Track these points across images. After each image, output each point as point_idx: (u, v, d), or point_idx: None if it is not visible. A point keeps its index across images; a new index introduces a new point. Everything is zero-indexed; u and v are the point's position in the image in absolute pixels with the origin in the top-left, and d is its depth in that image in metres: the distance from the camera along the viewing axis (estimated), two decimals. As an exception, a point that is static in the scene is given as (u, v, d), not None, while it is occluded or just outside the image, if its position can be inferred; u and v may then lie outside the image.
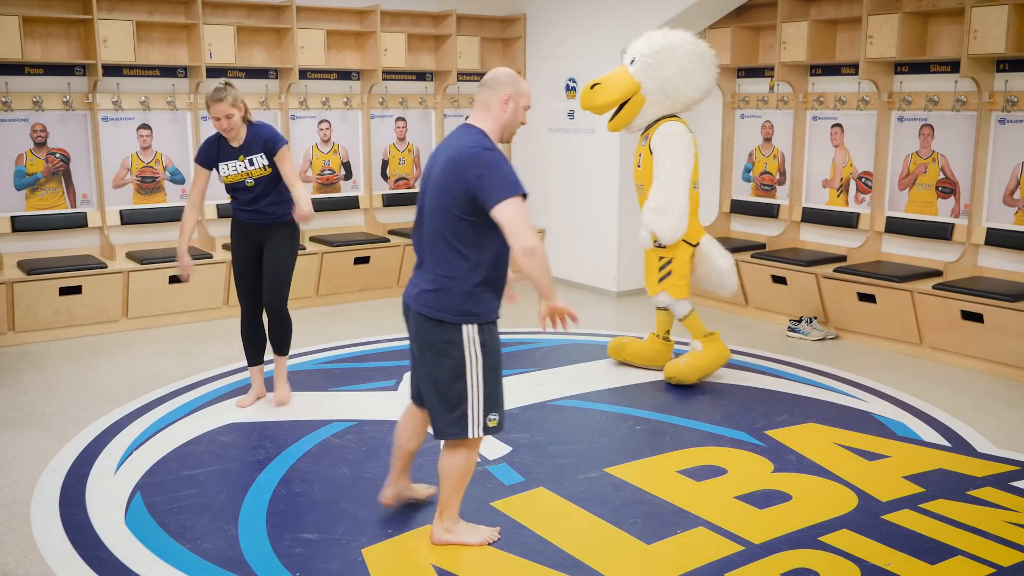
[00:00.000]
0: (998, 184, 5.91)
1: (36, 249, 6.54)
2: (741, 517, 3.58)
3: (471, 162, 3.03)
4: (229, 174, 4.59)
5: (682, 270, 5.31)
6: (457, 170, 3.06)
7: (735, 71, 7.51)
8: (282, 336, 4.84)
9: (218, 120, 4.45)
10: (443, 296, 3.13)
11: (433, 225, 3.16)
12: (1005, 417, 4.78)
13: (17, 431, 4.54)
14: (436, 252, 3.17)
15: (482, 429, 3.17)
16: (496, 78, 3.25)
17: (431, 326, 3.14)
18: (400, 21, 7.80)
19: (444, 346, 3.13)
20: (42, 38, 6.40)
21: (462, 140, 3.14)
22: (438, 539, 3.36)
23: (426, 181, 3.25)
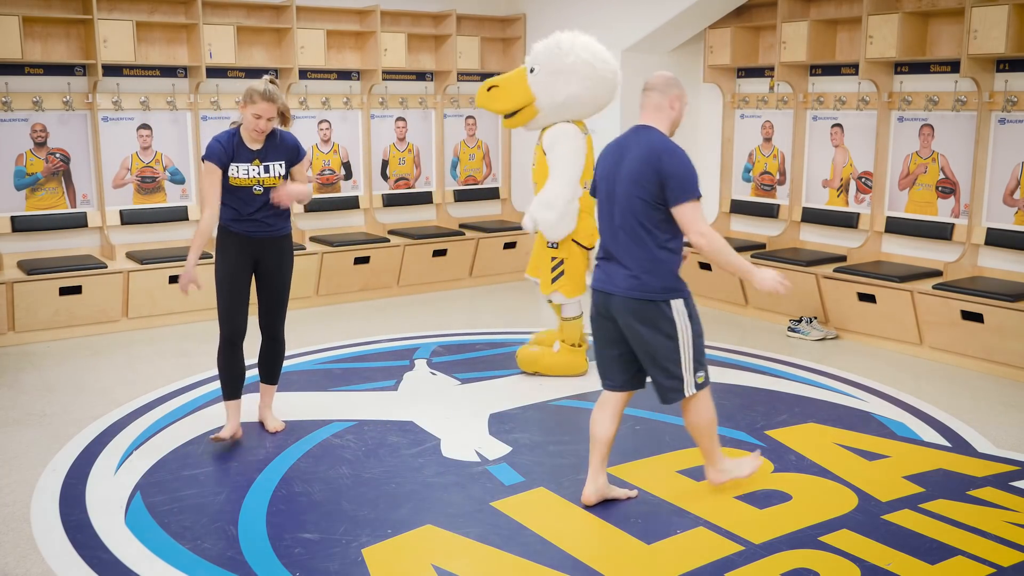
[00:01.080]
0: (998, 184, 5.91)
1: (36, 249, 6.54)
2: (741, 517, 3.58)
3: (666, 161, 3.41)
4: (239, 177, 4.15)
5: (575, 270, 5.32)
6: (652, 164, 3.42)
7: (735, 71, 7.51)
8: (278, 363, 4.51)
9: (258, 119, 4.06)
10: (651, 278, 3.48)
11: (631, 216, 3.48)
12: (1005, 417, 4.78)
13: (17, 431, 4.54)
14: (635, 240, 3.49)
15: (695, 387, 3.59)
16: (665, 82, 3.61)
17: (644, 307, 3.49)
18: (400, 21, 7.81)
19: (659, 322, 3.50)
20: (42, 38, 6.40)
21: (651, 138, 3.50)
22: (717, 481, 3.76)
23: (611, 179, 3.56)
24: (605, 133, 7.44)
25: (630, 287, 3.49)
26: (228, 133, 4.20)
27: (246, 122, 4.11)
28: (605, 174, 3.60)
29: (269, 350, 4.46)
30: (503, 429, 4.54)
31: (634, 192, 3.45)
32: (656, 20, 7.03)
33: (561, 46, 5.18)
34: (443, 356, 5.79)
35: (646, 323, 3.50)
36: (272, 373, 4.53)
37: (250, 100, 4.06)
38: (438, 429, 4.53)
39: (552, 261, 5.33)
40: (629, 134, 3.60)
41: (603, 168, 3.62)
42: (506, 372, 5.48)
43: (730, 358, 5.77)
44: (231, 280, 4.24)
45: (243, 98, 4.06)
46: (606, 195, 3.59)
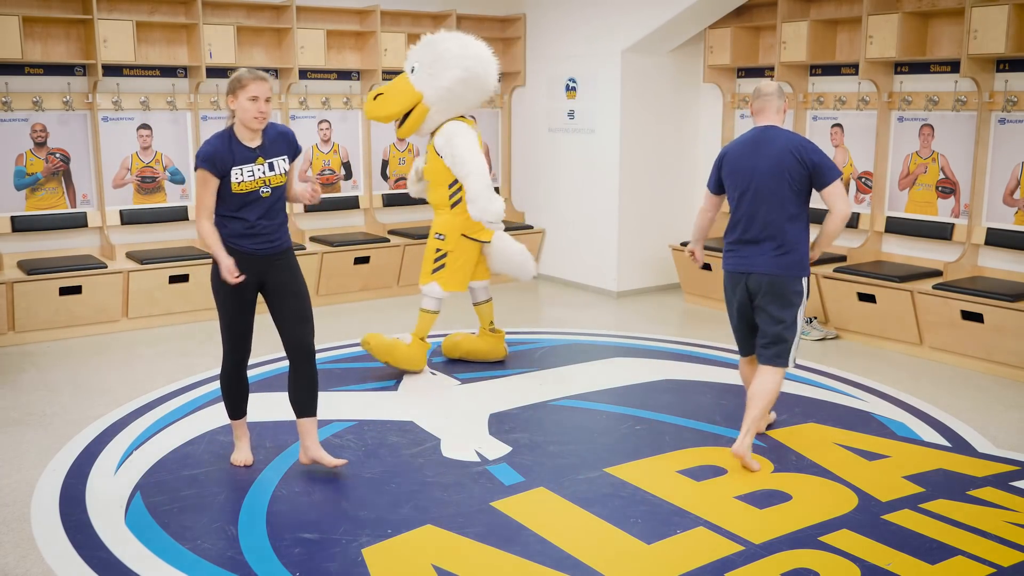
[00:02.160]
0: (998, 184, 5.91)
1: (36, 249, 6.54)
2: (741, 517, 3.58)
3: (808, 150, 3.97)
4: (244, 181, 3.72)
5: (457, 264, 5.43)
6: (796, 156, 3.96)
7: (735, 71, 7.51)
8: (315, 388, 4.00)
9: (256, 100, 3.67)
10: (791, 257, 4.02)
11: (777, 203, 4.00)
12: (1005, 417, 4.78)
13: (17, 431, 4.54)
14: (778, 225, 4.01)
15: (793, 362, 4.15)
16: (779, 89, 4.17)
17: (783, 282, 4.03)
18: (400, 21, 7.80)
19: (792, 296, 4.06)
20: (42, 38, 6.40)
21: (786, 135, 4.05)
22: (742, 454, 3.99)
23: (748, 173, 4.05)
24: (606, 133, 7.48)
25: (778, 266, 4.03)
26: (221, 136, 3.77)
27: (243, 113, 3.71)
28: (738, 169, 4.08)
29: (305, 374, 3.95)
30: (503, 429, 4.54)
31: (782, 181, 3.97)
32: (656, 20, 7.03)
33: (432, 40, 5.33)
34: (443, 356, 5.79)
35: (781, 296, 4.05)
36: (312, 402, 3.97)
37: (240, 85, 3.70)
38: (438, 429, 4.53)
39: (436, 252, 5.42)
40: (758, 133, 4.10)
41: (736, 164, 4.09)
42: (506, 372, 5.48)
43: (730, 358, 5.77)
44: (240, 304, 3.88)
45: (229, 89, 3.72)
46: (744, 187, 4.06)
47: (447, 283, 5.44)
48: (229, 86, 3.75)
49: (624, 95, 7.40)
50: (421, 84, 5.26)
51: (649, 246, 7.73)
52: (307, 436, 3.98)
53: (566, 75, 7.86)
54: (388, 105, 5.35)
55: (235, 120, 3.78)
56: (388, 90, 5.36)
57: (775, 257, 4.03)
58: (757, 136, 4.10)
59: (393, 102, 5.33)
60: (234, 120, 3.78)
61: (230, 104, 3.75)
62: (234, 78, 3.74)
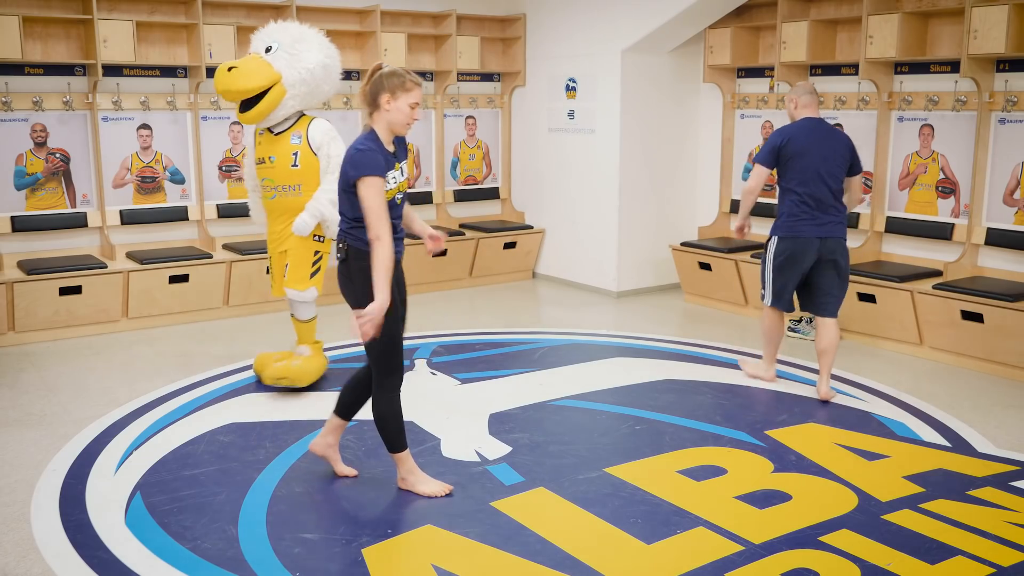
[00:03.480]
0: (998, 184, 5.91)
1: (36, 249, 6.54)
2: (741, 517, 3.58)
3: (850, 141, 5.04)
4: (390, 188, 3.53)
5: (325, 265, 5.19)
6: (847, 144, 5.00)
7: (735, 71, 7.51)
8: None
9: (414, 108, 3.50)
10: (844, 223, 5.01)
11: (837, 181, 4.95)
12: (1005, 417, 4.78)
13: (17, 431, 4.54)
14: (839, 198, 4.97)
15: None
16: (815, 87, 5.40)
17: (844, 243, 4.99)
18: (400, 21, 7.80)
19: (846, 252, 5.02)
20: (42, 38, 6.40)
21: (833, 127, 5.06)
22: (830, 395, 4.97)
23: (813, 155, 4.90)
24: (606, 133, 7.48)
25: (840, 231, 4.96)
26: (371, 139, 3.52)
27: (399, 115, 3.49)
28: (804, 150, 4.90)
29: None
30: (503, 429, 4.54)
31: (841, 163, 4.94)
32: (656, 20, 7.02)
33: (285, 24, 5.17)
34: (443, 356, 5.79)
35: (844, 254, 4.98)
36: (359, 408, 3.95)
37: (404, 88, 3.46)
38: (438, 429, 4.53)
39: (315, 255, 5.11)
40: (816, 123, 4.99)
41: (802, 146, 4.90)
42: (506, 372, 5.48)
43: (730, 358, 5.77)
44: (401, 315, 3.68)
45: (388, 88, 3.45)
46: (812, 167, 4.89)
47: (320, 285, 5.18)
48: (388, 84, 3.46)
49: (624, 95, 7.40)
50: (280, 64, 4.89)
51: (649, 246, 7.73)
52: (335, 434, 3.96)
53: (566, 75, 7.86)
54: (246, 79, 4.81)
55: (378, 122, 3.54)
56: (243, 65, 4.86)
57: (840, 224, 4.98)
58: (814, 127, 4.99)
59: (251, 76, 4.82)
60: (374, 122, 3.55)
61: (386, 103, 3.48)
62: (397, 78, 3.47)
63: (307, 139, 4.99)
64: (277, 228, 5.11)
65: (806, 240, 4.90)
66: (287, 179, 4.98)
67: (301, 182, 4.97)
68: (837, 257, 4.95)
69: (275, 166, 4.98)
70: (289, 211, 5.01)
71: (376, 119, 3.54)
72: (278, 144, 5.00)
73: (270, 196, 5.05)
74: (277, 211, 5.08)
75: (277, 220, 5.10)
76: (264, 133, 5.05)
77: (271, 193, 5.03)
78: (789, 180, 4.95)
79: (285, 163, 4.96)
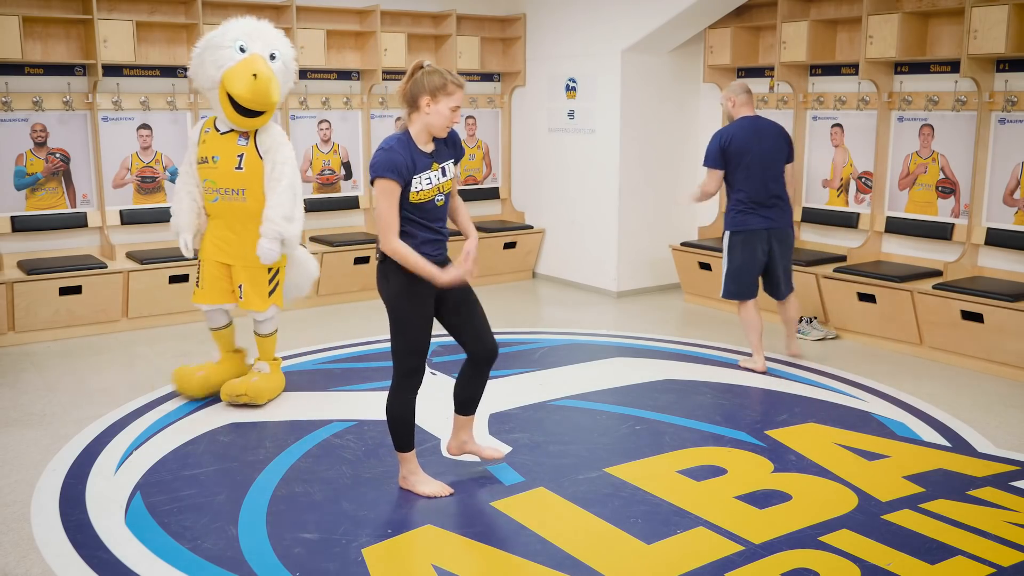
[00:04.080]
0: (998, 184, 5.91)
1: (36, 249, 6.54)
2: (741, 517, 3.58)
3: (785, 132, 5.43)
4: (423, 189, 3.46)
5: (283, 279, 4.96)
6: (783, 138, 5.39)
7: (735, 71, 7.51)
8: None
9: (455, 111, 3.44)
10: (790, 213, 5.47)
11: (778, 174, 5.34)
12: (1005, 417, 4.78)
13: (17, 431, 4.54)
14: (781, 190, 5.36)
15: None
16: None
17: (791, 232, 5.45)
18: (400, 21, 7.80)
19: (792, 238, 5.50)
20: (42, 38, 6.40)
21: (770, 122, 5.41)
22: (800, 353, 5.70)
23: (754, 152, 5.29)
24: (606, 133, 7.48)
25: (786, 220, 5.41)
26: (401, 141, 3.46)
27: (438, 118, 3.43)
28: (745, 149, 5.27)
29: (485, 377, 3.85)
30: (503, 429, 4.54)
31: (780, 156, 5.34)
32: (656, 20, 7.02)
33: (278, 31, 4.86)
34: (443, 356, 5.79)
35: (791, 242, 5.46)
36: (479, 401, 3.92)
37: (445, 91, 3.39)
38: (438, 429, 4.53)
39: (271, 273, 4.84)
40: (753, 120, 5.37)
41: (743, 145, 5.27)
42: (506, 372, 5.48)
43: (730, 358, 5.77)
44: (428, 320, 3.65)
45: (428, 89, 3.39)
46: (754, 164, 5.27)
47: (280, 300, 4.96)
48: (428, 85, 3.39)
49: (624, 95, 7.40)
50: (280, 77, 4.72)
51: (649, 246, 7.73)
52: (465, 430, 3.94)
53: (566, 75, 7.86)
54: (277, 90, 4.67)
55: (416, 122, 3.49)
56: (267, 72, 4.60)
57: (788, 213, 5.43)
58: (753, 124, 5.34)
59: (278, 88, 4.68)
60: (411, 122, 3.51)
61: (425, 106, 3.41)
62: (439, 79, 3.40)
63: (254, 141, 4.70)
64: (220, 234, 4.77)
65: (755, 232, 5.33)
66: (230, 182, 4.67)
67: (245, 187, 4.67)
68: (785, 245, 5.43)
69: (218, 167, 4.68)
70: (235, 218, 4.71)
71: (413, 120, 3.49)
72: (224, 144, 4.70)
73: (212, 199, 4.73)
74: (220, 215, 4.75)
75: (220, 225, 4.77)
76: (210, 131, 4.75)
77: (213, 196, 4.71)
78: (735, 178, 5.33)
79: (229, 165, 4.67)
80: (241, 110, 4.63)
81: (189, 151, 4.87)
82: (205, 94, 4.82)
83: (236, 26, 4.74)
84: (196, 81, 4.84)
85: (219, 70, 4.64)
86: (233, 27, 4.74)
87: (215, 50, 4.68)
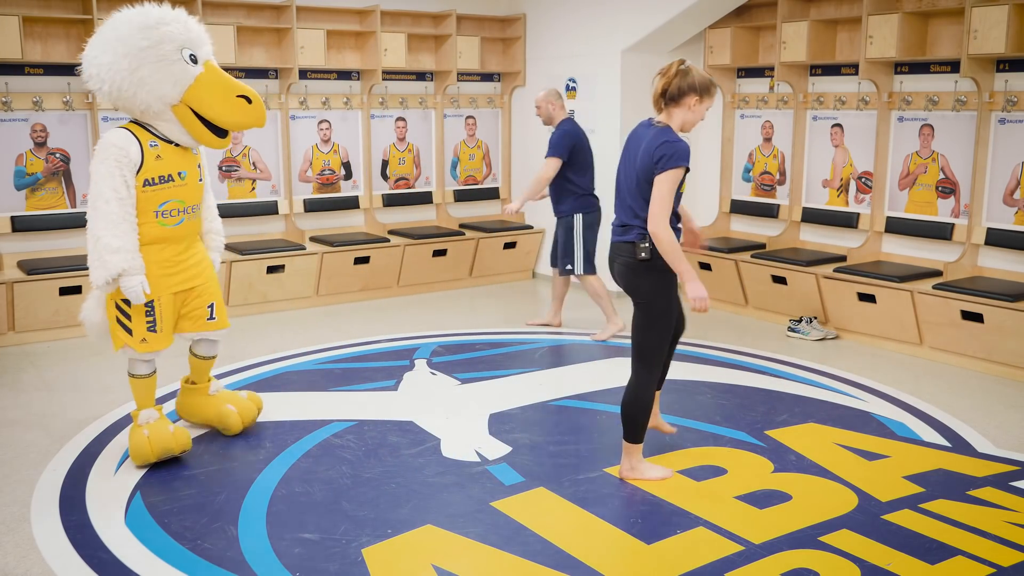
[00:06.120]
0: (998, 184, 5.91)
1: (36, 249, 6.54)
2: (741, 517, 3.58)
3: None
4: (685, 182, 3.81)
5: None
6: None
7: (735, 71, 7.51)
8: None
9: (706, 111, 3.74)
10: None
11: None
12: (1005, 417, 4.78)
13: (17, 431, 4.54)
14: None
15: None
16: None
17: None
18: (400, 21, 7.81)
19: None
20: (42, 38, 6.40)
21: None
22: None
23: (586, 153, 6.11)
24: (606, 133, 7.48)
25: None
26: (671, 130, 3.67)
27: (696, 119, 3.67)
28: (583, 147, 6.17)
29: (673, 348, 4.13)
30: (503, 429, 4.54)
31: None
32: (656, 20, 7.02)
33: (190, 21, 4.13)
34: (443, 356, 5.79)
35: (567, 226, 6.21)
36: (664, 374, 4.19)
37: (709, 95, 3.66)
38: (438, 429, 4.53)
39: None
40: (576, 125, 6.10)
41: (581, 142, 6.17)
42: (506, 372, 5.48)
43: (730, 358, 5.77)
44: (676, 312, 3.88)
45: (700, 89, 3.61)
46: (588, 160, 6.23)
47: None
48: (700, 86, 3.61)
49: (624, 95, 7.40)
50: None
51: (649, 246, 7.71)
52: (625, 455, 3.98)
53: (566, 75, 7.85)
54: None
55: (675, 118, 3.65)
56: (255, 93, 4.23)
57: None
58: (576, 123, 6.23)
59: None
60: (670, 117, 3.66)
61: (692, 104, 3.62)
62: (710, 83, 3.63)
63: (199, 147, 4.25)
64: (176, 260, 4.14)
65: (599, 211, 6.22)
66: (195, 198, 4.17)
67: (201, 200, 4.27)
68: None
69: (187, 183, 4.10)
70: (192, 237, 4.23)
71: (672, 115, 3.63)
72: (184, 157, 4.13)
73: (174, 223, 4.07)
74: (179, 239, 4.15)
75: (176, 250, 4.14)
76: (158, 145, 4.02)
77: (177, 218, 4.08)
78: (576, 170, 6.11)
79: (194, 179, 4.15)
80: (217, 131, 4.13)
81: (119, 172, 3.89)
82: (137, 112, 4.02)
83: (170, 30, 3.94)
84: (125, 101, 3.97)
85: (177, 87, 3.97)
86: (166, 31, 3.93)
87: (159, 64, 3.90)
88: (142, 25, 3.90)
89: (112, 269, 3.86)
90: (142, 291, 3.95)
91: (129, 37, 3.88)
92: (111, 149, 3.89)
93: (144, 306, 4.06)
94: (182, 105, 4.02)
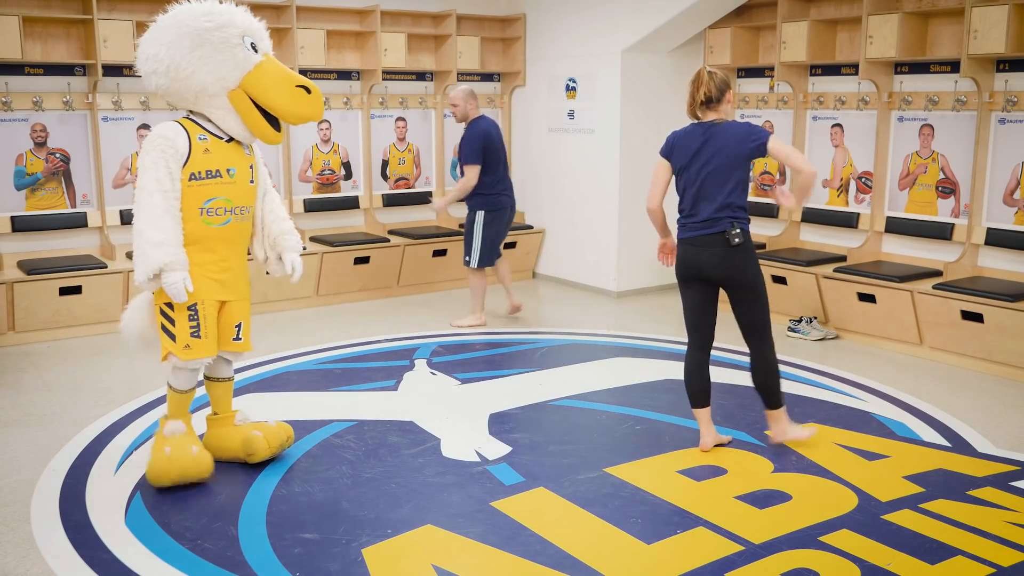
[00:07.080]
0: (998, 184, 5.91)
1: (36, 249, 6.54)
2: (741, 517, 3.58)
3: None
4: None
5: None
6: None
7: (735, 71, 7.51)
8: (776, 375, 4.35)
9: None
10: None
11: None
12: (1005, 417, 4.78)
13: (17, 431, 4.54)
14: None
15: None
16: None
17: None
18: (400, 21, 7.81)
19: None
20: (42, 38, 6.40)
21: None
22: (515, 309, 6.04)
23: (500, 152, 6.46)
24: (606, 133, 7.49)
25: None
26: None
27: (732, 110, 4.25)
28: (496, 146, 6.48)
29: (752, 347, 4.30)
30: (503, 429, 4.54)
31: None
32: (656, 20, 7.03)
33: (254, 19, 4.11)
34: (443, 356, 5.79)
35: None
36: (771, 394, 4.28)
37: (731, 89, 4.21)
38: (438, 429, 4.53)
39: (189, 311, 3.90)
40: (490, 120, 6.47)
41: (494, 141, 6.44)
42: (506, 372, 5.48)
43: (730, 358, 5.77)
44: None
45: (730, 85, 4.13)
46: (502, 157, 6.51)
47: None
48: (731, 85, 4.16)
49: (624, 95, 7.40)
50: None
51: (649, 246, 7.70)
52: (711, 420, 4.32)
53: (566, 75, 7.86)
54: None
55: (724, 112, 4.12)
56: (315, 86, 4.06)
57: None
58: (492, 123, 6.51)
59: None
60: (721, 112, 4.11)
61: (729, 98, 4.12)
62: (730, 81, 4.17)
63: (253, 148, 4.08)
64: (222, 265, 3.91)
65: (504, 210, 6.54)
66: (245, 199, 3.94)
67: (252, 204, 4.02)
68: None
69: (236, 181, 3.88)
70: (240, 242, 3.99)
71: (721, 111, 4.15)
72: (234, 153, 3.92)
73: (220, 222, 3.84)
74: (227, 241, 3.92)
75: (224, 255, 3.91)
76: (207, 139, 3.86)
77: (224, 217, 3.84)
78: (485, 169, 6.37)
79: (245, 178, 3.94)
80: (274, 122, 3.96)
81: (163, 163, 3.74)
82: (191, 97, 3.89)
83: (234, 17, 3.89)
84: (181, 83, 3.83)
85: (237, 71, 3.83)
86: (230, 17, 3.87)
87: (221, 46, 3.78)
88: (206, 10, 3.82)
89: (153, 263, 3.65)
90: (184, 287, 3.71)
91: (193, 20, 3.76)
92: (157, 140, 3.75)
93: (187, 309, 3.82)
94: (239, 91, 3.84)
